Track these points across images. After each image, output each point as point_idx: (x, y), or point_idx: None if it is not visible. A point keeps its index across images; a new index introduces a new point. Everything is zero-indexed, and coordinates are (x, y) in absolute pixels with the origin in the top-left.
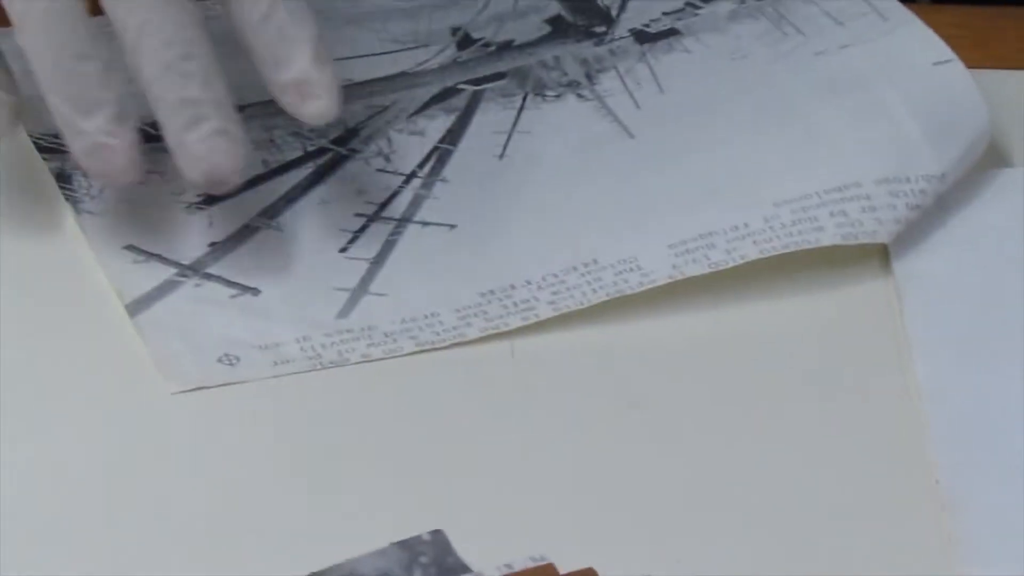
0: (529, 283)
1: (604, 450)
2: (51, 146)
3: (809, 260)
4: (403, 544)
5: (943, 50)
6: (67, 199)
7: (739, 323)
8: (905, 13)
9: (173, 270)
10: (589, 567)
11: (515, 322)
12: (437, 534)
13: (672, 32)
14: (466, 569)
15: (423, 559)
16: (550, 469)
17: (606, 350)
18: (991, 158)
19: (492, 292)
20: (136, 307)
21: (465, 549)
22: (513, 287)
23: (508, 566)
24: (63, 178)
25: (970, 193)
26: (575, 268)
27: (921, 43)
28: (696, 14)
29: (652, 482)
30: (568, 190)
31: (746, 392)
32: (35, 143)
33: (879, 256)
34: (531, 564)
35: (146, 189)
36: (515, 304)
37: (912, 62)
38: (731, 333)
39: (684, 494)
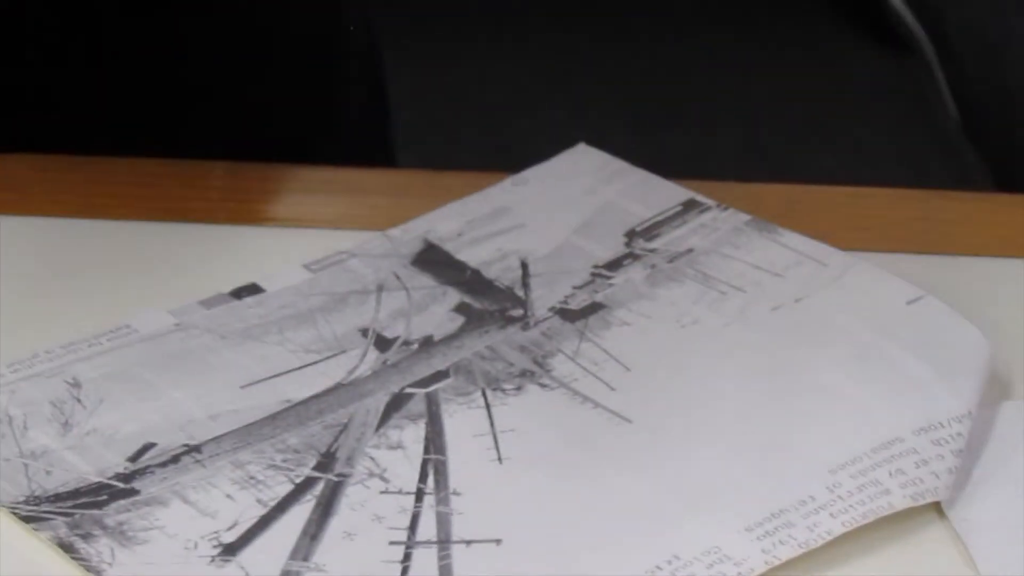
0: None
1: None
2: (35, 514)
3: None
4: None
5: (908, 287)
6: (88, 570)
7: None
8: (844, 256)
9: None
10: None
11: None
12: None
13: (597, 306)
14: None
15: None
16: None
17: None
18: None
19: None
20: None
21: None
22: None
23: None
24: (67, 547)
25: (986, 428)
26: (659, 568)
27: (882, 284)
28: (611, 284)
29: None
30: (593, 488)
31: None
32: (18, 516)
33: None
34: None
35: (157, 548)
36: None
37: (883, 305)
38: None
39: None
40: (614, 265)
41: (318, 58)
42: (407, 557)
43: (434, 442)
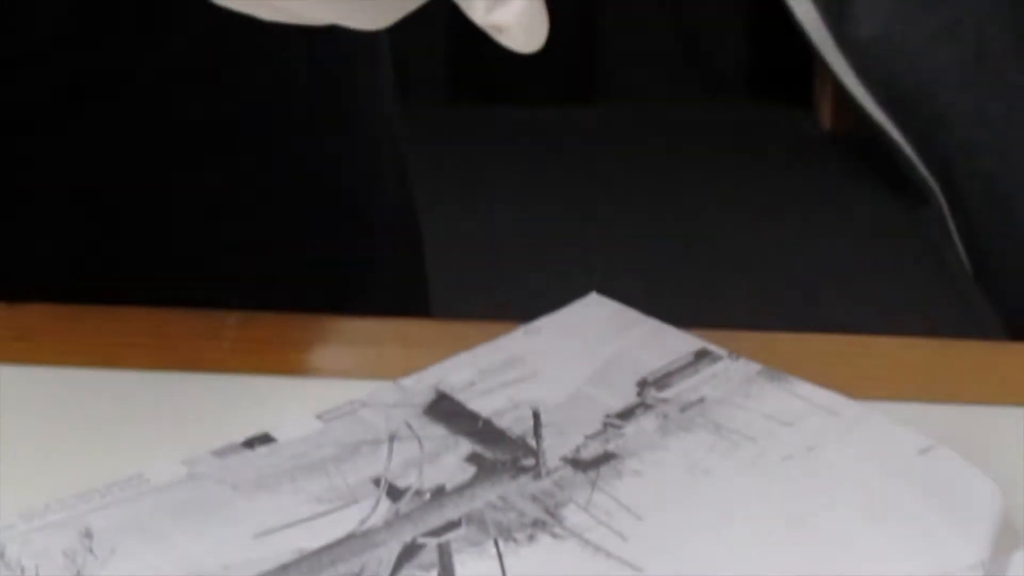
0: None
1: None
2: None
3: None
4: None
5: (920, 437)
6: None
7: None
8: (856, 406)
9: None
10: None
11: None
12: None
13: (609, 456)
14: None
15: None
16: None
17: None
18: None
19: None
20: None
21: None
22: None
23: None
24: None
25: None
26: None
27: (893, 434)
28: (622, 434)
29: None
30: None
31: None
32: None
33: None
34: None
35: None
36: None
37: (895, 456)
38: None
39: None
40: (626, 415)
41: (355, 211)
42: None
43: None
